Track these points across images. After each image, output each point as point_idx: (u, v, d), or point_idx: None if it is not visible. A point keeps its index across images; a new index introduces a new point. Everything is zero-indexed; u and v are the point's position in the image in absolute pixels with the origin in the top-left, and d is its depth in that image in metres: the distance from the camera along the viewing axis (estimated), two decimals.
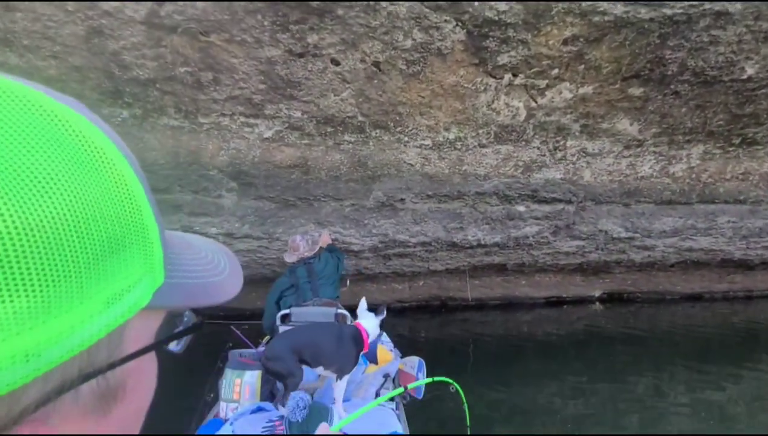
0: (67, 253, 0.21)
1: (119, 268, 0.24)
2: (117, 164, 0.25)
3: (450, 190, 4.70)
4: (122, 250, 0.24)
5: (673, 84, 3.99)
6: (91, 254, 0.22)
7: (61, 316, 0.21)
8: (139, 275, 0.25)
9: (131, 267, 0.25)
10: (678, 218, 5.67)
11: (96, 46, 2.90)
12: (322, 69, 3.42)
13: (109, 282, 0.23)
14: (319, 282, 3.25)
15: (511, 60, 3.62)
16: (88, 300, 0.22)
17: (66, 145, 0.23)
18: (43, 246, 0.20)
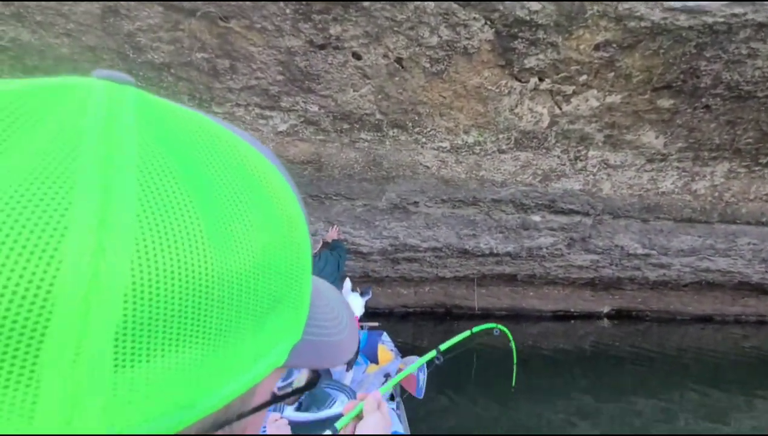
0: (238, 309, 0.21)
1: (273, 324, 0.23)
2: (298, 225, 0.25)
3: (465, 196, 4.55)
4: (280, 307, 0.23)
5: (705, 97, 3.83)
6: (256, 311, 0.22)
7: (221, 369, 0.20)
8: (289, 332, 0.24)
9: (283, 324, 0.24)
10: (697, 236, 5.50)
11: (111, 26, 2.78)
12: (343, 62, 3.29)
13: (263, 337, 0.22)
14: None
15: (538, 63, 3.48)
16: (245, 355, 0.21)
17: (265, 204, 0.23)
18: (221, 300, 0.20)
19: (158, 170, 0.19)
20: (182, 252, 0.18)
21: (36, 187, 0.17)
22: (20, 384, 0.16)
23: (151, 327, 0.17)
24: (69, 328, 0.16)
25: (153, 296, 0.17)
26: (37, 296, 0.16)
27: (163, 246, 0.18)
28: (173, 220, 0.19)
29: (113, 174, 0.18)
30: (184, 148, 0.21)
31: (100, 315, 0.16)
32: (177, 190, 0.19)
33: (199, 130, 0.23)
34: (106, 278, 0.16)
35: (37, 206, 0.16)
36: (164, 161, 0.20)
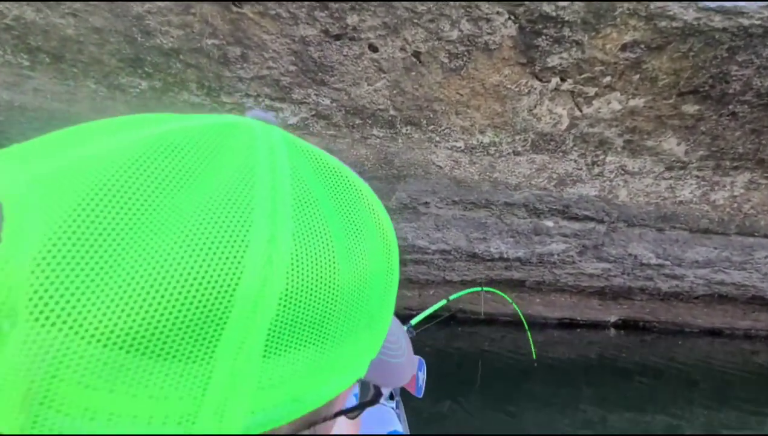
0: (354, 319, 0.23)
1: (365, 339, 0.25)
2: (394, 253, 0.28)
3: (477, 198, 4.41)
4: (372, 324, 0.26)
5: (732, 104, 3.68)
6: (360, 323, 0.24)
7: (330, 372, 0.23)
8: (374, 345, 0.27)
9: (370, 340, 0.26)
10: (713, 248, 5.34)
11: (119, 7, 2.66)
12: (359, 54, 3.16)
13: (355, 349, 0.25)
14: None
15: (561, 62, 3.34)
16: (341, 361, 0.23)
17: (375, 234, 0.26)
18: (344, 310, 0.23)
19: (306, 199, 0.23)
20: (321, 266, 0.22)
21: (226, 209, 0.20)
22: (201, 360, 0.19)
23: (294, 328, 0.21)
24: (243, 321, 0.19)
25: (299, 303, 0.21)
26: (225, 293, 0.19)
27: (309, 259, 0.21)
28: (315, 239, 0.22)
29: (278, 200, 0.22)
30: (323, 182, 0.25)
31: (263, 313, 0.20)
32: (319, 216, 0.23)
33: (333, 168, 0.27)
34: (270, 284, 0.20)
35: (227, 224, 0.20)
36: (310, 192, 0.24)
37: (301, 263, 0.21)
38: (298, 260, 0.21)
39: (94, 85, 3.05)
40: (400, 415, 2.30)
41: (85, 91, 3.05)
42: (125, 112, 2.16)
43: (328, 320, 0.22)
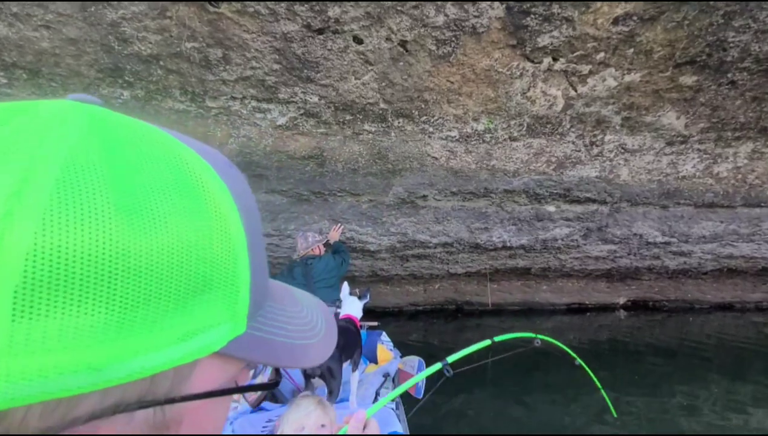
0: (153, 282, 0.22)
1: (200, 308, 0.24)
2: (231, 222, 0.27)
3: (476, 187, 4.33)
4: (207, 292, 0.25)
5: (731, 72, 3.58)
6: (176, 289, 0.23)
7: (131, 338, 0.21)
8: (219, 319, 0.26)
9: (212, 310, 0.25)
10: (719, 222, 5.24)
11: (92, 16, 2.58)
12: (343, 48, 3.07)
13: (187, 319, 0.24)
14: (315, 285, 3.25)
15: (552, 41, 3.25)
16: (162, 331, 0.22)
17: (192, 195, 0.25)
18: (133, 271, 0.21)
19: (83, 162, 0.22)
20: (87, 225, 0.20)
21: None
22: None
23: (51, 287, 0.19)
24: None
25: (53, 259, 0.19)
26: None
27: (69, 218, 0.20)
28: (83, 198, 0.21)
29: (39, 160, 0.21)
30: (115, 146, 0.24)
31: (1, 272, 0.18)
32: (93, 176, 0.22)
33: (141, 134, 0.26)
34: (8, 240, 0.19)
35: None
36: (91, 156, 0.22)
37: (57, 221, 0.20)
38: (54, 218, 0.20)
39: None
40: (399, 415, 2.30)
41: None
42: None
43: (109, 280, 0.20)
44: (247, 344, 0.27)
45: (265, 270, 0.31)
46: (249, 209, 0.29)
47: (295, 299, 0.36)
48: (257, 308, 0.29)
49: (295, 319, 0.33)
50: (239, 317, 0.27)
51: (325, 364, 2.02)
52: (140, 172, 0.23)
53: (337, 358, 2.09)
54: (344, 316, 2.38)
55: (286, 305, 0.34)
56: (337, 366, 2.09)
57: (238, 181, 0.30)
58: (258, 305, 0.29)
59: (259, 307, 0.29)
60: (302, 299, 0.38)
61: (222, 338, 0.26)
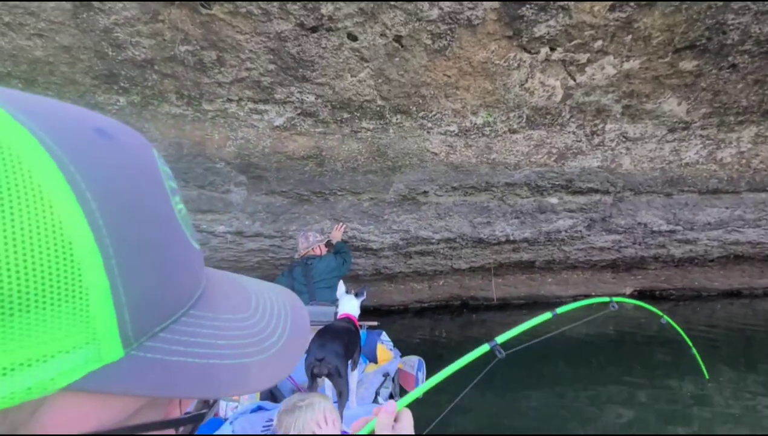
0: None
1: (19, 334, 0.18)
2: (47, 196, 0.20)
3: (477, 182, 4.30)
4: (26, 312, 0.19)
5: (731, 55, 3.53)
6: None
7: None
8: (62, 345, 0.20)
9: (44, 335, 0.19)
10: (724, 208, 5.19)
11: (85, 22, 2.57)
12: (338, 45, 3.05)
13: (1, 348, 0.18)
14: (315, 285, 3.20)
15: (549, 31, 3.21)
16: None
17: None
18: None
19: None
20: None
21: None
22: None
23: None
24: None
25: None
26: None
27: None
28: None
29: None
30: None
31: None
32: None
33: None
34: None
35: None
36: None
37: None
38: None
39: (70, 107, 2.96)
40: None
41: None
42: None
43: None
44: (127, 373, 0.21)
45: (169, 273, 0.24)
46: (120, 191, 0.22)
47: (249, 300, 0.29)
48: (153, 322, 0.23)
49: (232, 329, 0.26)
50: (103, 339, 0.21)
51: (333, 363, 2.00)
52: None
53: (342, 356, 2.06)
54: (342, 315, 2.36)
55: (224, 310, 0.27)
56: (344, 365, 2.06)
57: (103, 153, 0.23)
58: (155, 318, 0.23)
59: (158, 321, 0.23)
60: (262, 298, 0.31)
61: (72, 371, 0.20)
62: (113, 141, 0.24)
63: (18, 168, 0.19)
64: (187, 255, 0.27)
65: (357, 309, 2.42)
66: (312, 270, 3.29)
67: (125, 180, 0.23)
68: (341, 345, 2.07)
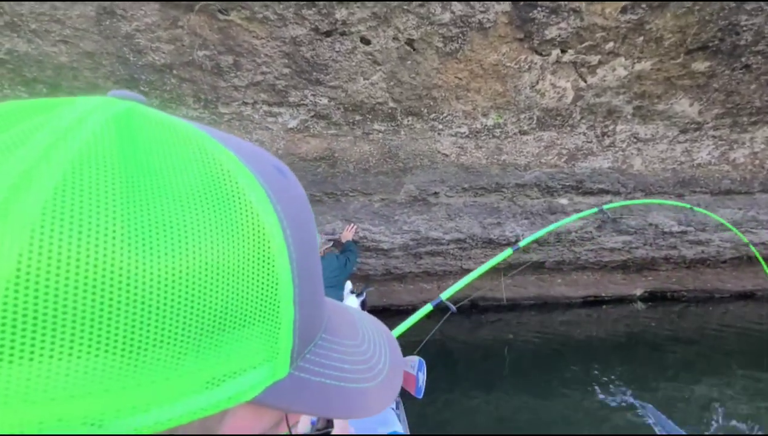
0: (169, 318, 0.18)
1: (229, 349, 0.20)
2: (267, 234, 0.22)
3: (487, 183, 4.32)
4: (238, 329, 0.21)
5: (744, 56, 3.52)
6: (198, 326, 0.19)
7: (140, 387, 0.17)
8: (254, 362, 0.21)
9: (245, 351, 0.21)
10: (737, 209, 5.15)
11: (108, 29, 2.65)
12: (351, 49, 3.10)
13: (212, 363, 0.20)
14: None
15: (560, 33, 3.23)
16: (179, 378, 0.19)
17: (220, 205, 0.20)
18: (142, 303, 0.17)
19: (92, 164, 0.18)
20: (86, 243, 0.16)
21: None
22: None
23: (38, 322, 0.15)
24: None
25: (42, 288, 0.15)
26: None
27: (63, 234, 0.16)
28: (83, 208, 0.17)
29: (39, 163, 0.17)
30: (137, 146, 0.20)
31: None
32: (101, 181, 0.17)
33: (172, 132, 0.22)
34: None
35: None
36: (103, 156, 0.18)
37: (48, 241, 0.16)
38: (45, 237, 0.16)
39: None
40: (400, 416, 2.29)
41: None
42: None
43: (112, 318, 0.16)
44: (288, 390, 0.23)
45: (319, 298, 0.26)
46: (299, 224, 0.24)
47: (355, 327, 0.31)
48: (305, 344, 0.25)
49: (353, 355, 0.28)
50: (280, 358, 0.23)
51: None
52: (160, 176, 0.19)
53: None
54: None
55: (344, 336, 0.28)
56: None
57: (287, 190, 0.25)
58: (306, 341, 0.25)
59: (307, 343, 0.25)
60: (363, 325, 0.32)
61: (258, 384, 0.21)
62: (287, 178, 0.26)
63: (245, 205, 0.21)
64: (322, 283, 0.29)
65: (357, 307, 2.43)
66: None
67: (304, 215, 0.25)
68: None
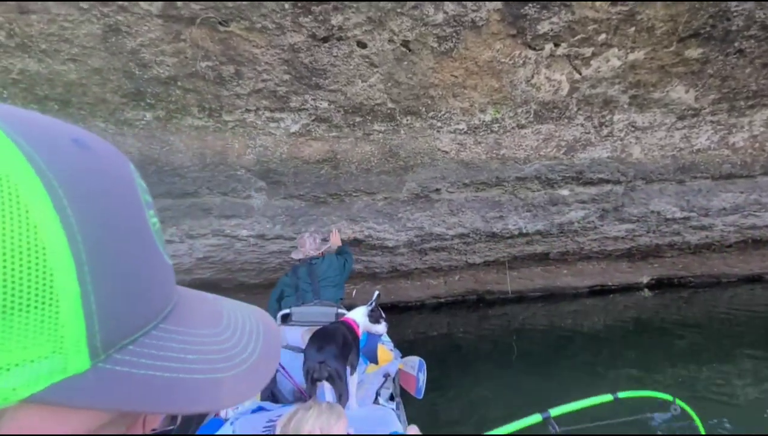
0: None
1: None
2: (23, 200, 0.19)
3: (488, 177, 4.39)
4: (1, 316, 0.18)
5: (737, 41, 3.55)
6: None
7: None
8: (29, 354, 0.19)
9: (10, 341, 0.19)
10: (739, 193, 5.17)
11: (114, 45, 2.76)
12: (348, 53, 3.19)
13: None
14: (319, 284, 3.22)
15: (552, 27, 3.29)
16: None
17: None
18: None
19: None
20: None
21: None
22: None
23: None
24: None
25: None
26: None
27: None
28: None
29: None
30: None
31: None
32: None
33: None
34: None
35: None
36: None
37: None
38: None
39: (102, 123, 3.18)
40: (400, 416, 2.28)
41: (95, 130, 3.18)
42: (135, 145, 2.26)
43: None
44: (97, 387, 0.21)
45: (143, 285, 0.24)
46: (93, 198, 0.22)
47: (220, 316, 0.29)
48: (122, 334, 0.23)
49: (202, 344, 0.26)
50: (70, 349, 0.20)
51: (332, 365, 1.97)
52: None
53: (339, 357, 2.03)
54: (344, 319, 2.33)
55: (195, 325, 0.27)
56: (342, 367, 2.03)
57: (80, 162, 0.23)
58: (124, 330, 0.23)
59: (126, 333, 0.23)
60: (232, 315, 0.31)
61: (35, 381, 0.19)
62: (90, 152, 0.24)
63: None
64: (159, 269, 0.27)
65: (362, 317, 2.34)
66: (316, 269, 3.33)
67: (102, 190, 0.23)
68: (336, 347, 2.05)
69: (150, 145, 3.36)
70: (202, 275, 4.33)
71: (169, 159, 3.46)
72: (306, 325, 2.83)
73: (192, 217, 3.80)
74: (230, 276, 4.55)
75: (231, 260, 4.30)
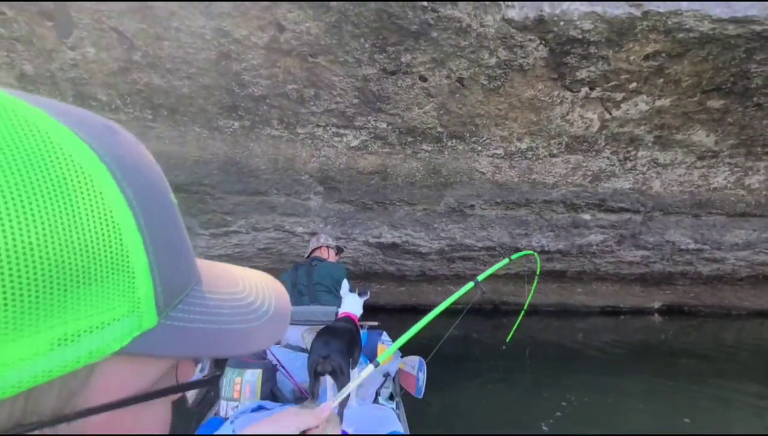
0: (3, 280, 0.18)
1: (80, 304, 0.21)
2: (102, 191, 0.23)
3: (518, 198, 4.87)
4: (86, 284, 0.21)
5: (756, 96, 3.97)
6: (34, 286, 0.19)
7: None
8: (113, 315, 0.23)
9: (99, 305, 0.22)
10: (752, 230, 5.52)
11: (223, 68, 3.35)
12: (411, 85, 3.72)
13: (62, 319, 0.20)
14: (315, 287, 3.11)
15: (589, 75, 3.77)
16: (23, 338, 0.19)
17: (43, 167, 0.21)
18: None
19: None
20: None
21: None
22: None
23: None
24: None
25: None
26: None
27: None
28: None
29: None
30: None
31: None
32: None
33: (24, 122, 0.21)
34: None
35: None
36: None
37: None
38: None
39: (198, 129, 3.77)
40: (400, 415, 2.29)
41: (192, 134, 3.78)
42: (222, 148, 3.06)
43: None
44: (164, 339, 0.24)
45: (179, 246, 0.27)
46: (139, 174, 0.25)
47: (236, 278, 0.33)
48: (174, 295, 0.26)
49: (231, 301, 0.30)
50: (144, 308, 0.24)
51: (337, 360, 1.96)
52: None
53: (345, 354, 2.02)
54: (343, 314, 2.26)
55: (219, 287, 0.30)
56: (346, 364, 2.02)
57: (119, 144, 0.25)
58: (175, 291, 0.26)
59: (176, 294, 0.26)
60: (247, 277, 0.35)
61: (122, 337, 0.22)
62: (122, 136, 0.26)
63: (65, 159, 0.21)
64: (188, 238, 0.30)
65: (360, 308, 2.31)
66: (315, 271, 3.18)
67: (146, 169, 0.26)
68: (343, 343, 2.01)
69: (234, 149, 3.95)
70: (260, 264, 4.92)
71: (248, 162, 4.04)
72: (306, 324, 2.77)
73: (259, 212, 4.39)
74: (283, 267, 5.11)
75: (286, 252, 4.89)
